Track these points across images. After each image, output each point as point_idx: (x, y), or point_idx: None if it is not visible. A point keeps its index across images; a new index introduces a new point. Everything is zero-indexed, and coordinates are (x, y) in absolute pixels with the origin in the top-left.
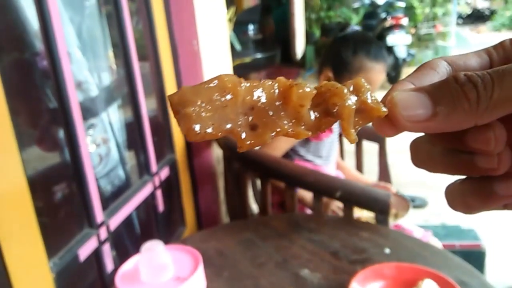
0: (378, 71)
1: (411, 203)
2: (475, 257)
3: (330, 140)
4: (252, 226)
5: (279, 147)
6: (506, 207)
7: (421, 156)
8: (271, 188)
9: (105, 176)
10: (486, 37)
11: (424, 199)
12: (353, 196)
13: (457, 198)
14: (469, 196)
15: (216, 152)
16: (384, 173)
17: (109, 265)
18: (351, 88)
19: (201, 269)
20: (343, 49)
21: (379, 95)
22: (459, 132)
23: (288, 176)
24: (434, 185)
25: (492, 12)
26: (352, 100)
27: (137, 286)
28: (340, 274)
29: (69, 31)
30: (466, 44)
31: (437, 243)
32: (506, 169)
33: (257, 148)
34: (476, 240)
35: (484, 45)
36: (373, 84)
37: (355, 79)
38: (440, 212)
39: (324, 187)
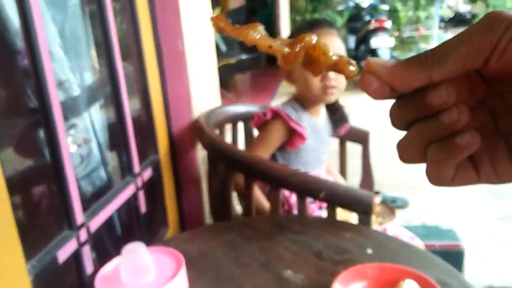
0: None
1: (396, 212)
2: (454, 257)
3: (313, 146)
4: (236, 227)
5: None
6: (477, 172)
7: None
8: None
9: (86, 177)
10: None
11: (406, 200)
12: (336, 197)
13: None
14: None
15: (201, 153)
16: (367, 175)
17: (89, 267)
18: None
19: (183, 272)
20: None
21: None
22: (422, 100)
23: (272, 177)
24: (415, 186)
25: (474, 16)
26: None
27: None
28: (323, 275)
29: (51, 30)
30: None
31: (421, 244)
32: (465, 120)
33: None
34: (456, 240)
35: None
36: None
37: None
38: (420, 213)
39: (308, 188)
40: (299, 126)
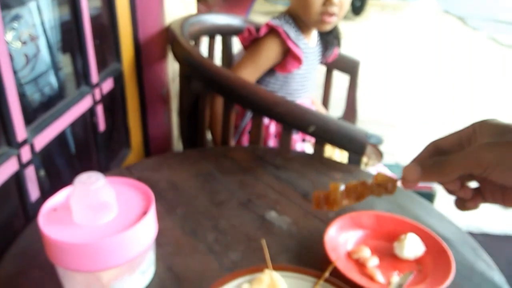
0: None
1: (383, 154)
2: (424, 198)
3: (302, 72)
4: (212, 156)
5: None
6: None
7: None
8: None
9: (32, 82)
10: None
11: (380, 138)
12: (327, 133)
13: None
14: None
15: (172, 67)
16: (350, 108)
17: (33, 193)
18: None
19: (152, 211)
20: None
21: None
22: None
23: (256, 104)
24: (390, 124)
25: None
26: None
27: (67, 229)
28: (312, 219)
29: None
30: None
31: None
32: (466, 194)
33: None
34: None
35: None
36: None
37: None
38: (394, 151)
39: (297, 120)
40: (297, 47)
